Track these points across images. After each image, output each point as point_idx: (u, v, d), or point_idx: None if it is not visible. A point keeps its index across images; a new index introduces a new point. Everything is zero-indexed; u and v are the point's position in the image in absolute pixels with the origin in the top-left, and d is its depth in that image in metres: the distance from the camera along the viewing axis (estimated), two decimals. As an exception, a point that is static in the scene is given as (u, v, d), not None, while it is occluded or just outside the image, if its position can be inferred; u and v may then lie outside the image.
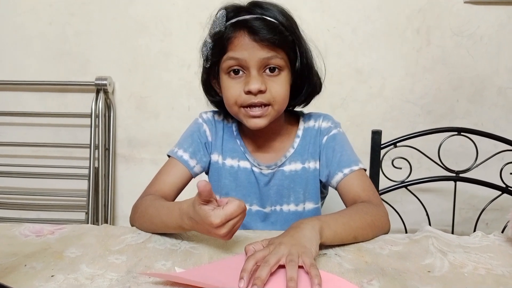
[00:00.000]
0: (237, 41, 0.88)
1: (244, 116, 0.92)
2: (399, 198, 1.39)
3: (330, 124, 1.03)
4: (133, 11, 1.75)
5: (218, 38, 0.90)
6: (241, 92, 0.89)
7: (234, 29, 0.89)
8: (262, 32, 0.86)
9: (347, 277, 0.68)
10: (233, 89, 0.91)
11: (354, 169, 0.96)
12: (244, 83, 0.89)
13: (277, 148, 1.02)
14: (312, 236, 0.71)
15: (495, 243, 0.82)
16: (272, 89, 0.90)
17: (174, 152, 1.01)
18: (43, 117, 1.83)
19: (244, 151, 1.02)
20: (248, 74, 0.89)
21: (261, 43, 0.87)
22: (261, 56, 0.88)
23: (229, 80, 0.91)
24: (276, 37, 0.87)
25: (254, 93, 0.88)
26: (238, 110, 0.92)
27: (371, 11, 1.69)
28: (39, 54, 1.80)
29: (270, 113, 0.91)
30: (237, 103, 0.91)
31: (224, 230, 0.71)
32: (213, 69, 0.95)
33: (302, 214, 1.03)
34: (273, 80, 0.90)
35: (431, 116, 1.74)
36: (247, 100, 0.89)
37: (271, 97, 0.90)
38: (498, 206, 1.27)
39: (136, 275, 0.67)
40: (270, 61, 0.89)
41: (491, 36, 1.68)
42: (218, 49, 0.91)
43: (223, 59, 0.90)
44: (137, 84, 1.80)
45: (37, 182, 1.85)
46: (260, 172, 1.01)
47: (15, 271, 0.68)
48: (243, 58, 0.88)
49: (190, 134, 1.04)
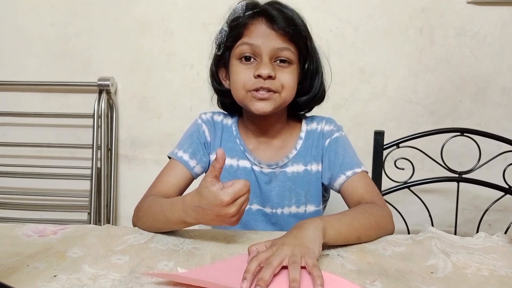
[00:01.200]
0: (254, 27, 0.91)
1: (250, 100, 0.93)
2: (401, 199, 1.38)
3: (332, 127, 1.04)
4: (135, 11, 1.75)
5: (235, 25, 0.93)
6: (251, 77, 0.91)
7: (252, 17, 0.92)
8: (279, 22, 0.90)
9: (350, 278, 0.67)
10: (243, 74, 0.92)
11: (357, 172, 0.96)
12: (254, 68, 0.91)
13: (278, 147, 1.03)
14: (315, 236, 0.71)
15: (498, 244, 0.82)
16: (281, 77, 0.92)
17: (174, 153, 1.02)
18: (46, 117, 1.83)
19: (244, 150, 1.02)
20: (259, 61, 0.91)
21: (277, 32, 0.90)
22: (275, 45, 0.91)
23: (240, 65, 0.93)
24: (291, 28, 0.90)
25: (264, 78, 0.90)
26: (245, 94, 0.93)
27: (374, 11, 1.69)
28: (41, 54, 1.81)
29: (276, 99, 0.92)
30: (245, 87, 0.92)
31: (233, 209, 0.72)
32: (224, 56, 0.97)
33: (303, 216, 1.03)
34: (283, 70, 0.93)
35: (434, 116, 1.74)
36: (256, 83, 0.91)
37: (279, 85, 0.92)
38: (501, 207, 1.27)
39: (138, 275, 0.67)
40: (282, 52, 0.92)
41: (494, 35, 1.68)
42: (233, 35, 0.93)
43: (237, 45, 0.93)
44: (139, 85, 1.80)
45: (40, 183, 1.85)
46: (260, 170, 1.01)
47: (17, 271, 0.68)
48: (257, 45, 0.90)
49: (190, 135, 1.04)
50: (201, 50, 1.70)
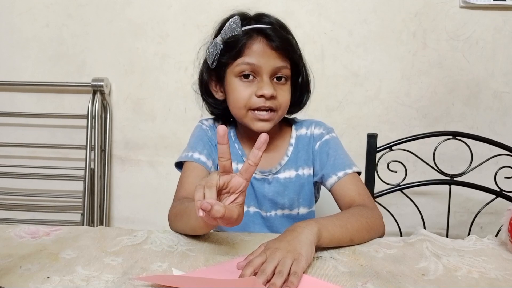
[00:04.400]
0: (255, 47, 0.93)
1: (251, 119, 0.95)
2: (394, 201, 1.39)
3: (322, 131, 1.06)
4: (129, 13, 1.75)
5: (233, 42, 0.93)
6: (252, 96, 0.93)
7: (250, 35, 0.93)
8: (277, 41, 0.93)
9: (342, 280, 0.68)
10: (244, 92, 0.94)
11: (348, 172, 0.98)
12: (256, 87, 0.93)
13: (270, 154, 1.04)
14: (308, 240, 0.72)
15: (489, 246, 0.83)
16: (280, 96, 0.95)
17: (190, 156, 1.00)
18: (40, 118, 1.82)
19: (242, 154, 1.04)
20: (260, 80, 0.94)
21: (276, 52, 0.93)
22: (275, 64, 0.94)
23: (240, 83, 0.95)
24: (289, 47, 0.95)
25: (267, 98, 0.92)
26: (245, 113, 0.95)
27: (368, 14, 1.70)
28: (35, 55, 1.80)
29: (274, 118, 0.97)
30: (246, 106, 0.94)
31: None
32: (218, 71, 0.98)
33: (296, 218, 1.05)
34: (281, 88, 0.96)
35: (426, 119, 1.75)
36: (257, 103, 0.93)
37: (278, 103, 0.95)
38: (493, 210, 1.28)
39: (132, 277, 0.67)
40: (281, 70, 0.95)
41: (487, 40, 1.69)
42: (231, 53, 0.94)
43: (236, 63, 0.94)
44: (133, 86, 1.80)
45: (33, 183, 1.84)
46: (254, 176, 1.02)
47: (10, 273, 0.68)
48: (258, 65, 0.93)
49: (200, 138, 1.04)
50: (195, 52, 1.70)
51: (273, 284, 0.63)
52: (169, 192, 1.82)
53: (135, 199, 1.86)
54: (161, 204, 1.84)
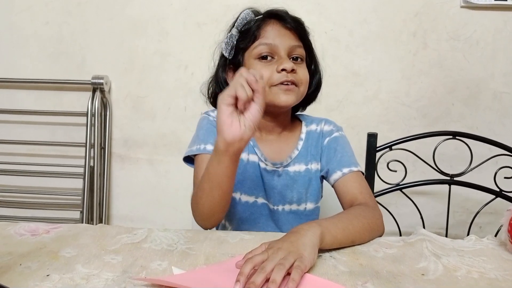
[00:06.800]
0: (270, 28, 0.98)
1: (275, 93, 0.96)
2: (394, 201, 1.39)
3: (332, 128, 1.08)
4: (130, 11, 1.75)
5: (247, 28, 0.98)
6: (273, 73, 0.96)
7: (264, 19, 0.98)
8: (290, 22, 0.98)
9: (342, 279, 0.68)
10: (264, 70, 0.96)
11: (353, 170, 0.99)
12: (276, 64, 0.96)
13: (281, 146, 1.05)
14: (312, 243, 0.72)
15: (489, 246, 0.83)
16: (299, 72, 0.98)
17: (203, 149, 0.99)
18: (39, 115, 1.83)
19: (254, 145, 1.04)
20: (278, 58, 0.97)
21: (291, 31, 0.98)
22: (291, 43, 0.98)
23: (260, 63, 0.98)
24: (302, 27, 1.01)
25: (288, 71, 0.95)
26: (269, 90, 0.96)
27: (368, 14, 1.70)
28: (35, 53, 1.80)
29: (297, 92, 0.98)
30: (269, 83, 0.96)
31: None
32: (235, 59, 1.01)
33: (302, 213, 1.06)
34: (298, 66, 0.99)
35: (426, 119, 1.75)
36: (280, 78, 0.95)
37: (299, 78, 0.98)
38: (492, 210, 1.28)
39: (131, 275, 0.67)
40: (297, 49, 0.99)
41: (487, 40, 1.69)
42: (248, 37, 0.98)
43: (254, 46, 0.98)
44: (133, 84, 1.80)
45: (32, 180, 1.84)
46: (265, 167, 1.03)
47: (10, 271, 0.68)
48: (275, 44, 0.97)
49: (211, 130, 1.03)
50: (196, 50, 1.71)
51: (273, 281, 0.61)
52: (168, 190, 1.85)
53: (134, 197, 1.86)
54: (160, 202, 1.85)
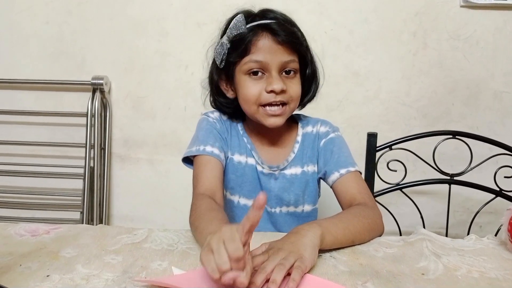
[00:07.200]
0: (261, 44, 0.93)
1: (262, 115, 0.96)
2: (394, 201, 1.39)
3: (328, 129, 1.07)
4: (130, 11, 1.75)
5: (239, 40, 0.94)
6: (262, 92, 0.94)
7: (255, 32, 0.93)
8: (283, 36, 0.93)
9: (342, 279, 0.68)
10: (253, 88, 0.94)
11: (351, 170, 0.99)
12: (266, 83, 0.94)
13: (278, 149, 1.05)
14: (312, 243, 0.72)
15: (489, 246, 0.83)
16: (290, 89, 0.95)
17: (202, 150, 0.99)
18: (39, 116, 1.82)
19: (251, 148, 1.04)
20: (269, 75, 0.94)
21: (283, 46, 0.93)
22: (282, 59, 0.94)
23: (249, 80, 0.95)
24: (295, 40, 0.95)
25: (277, 93, 0.93)
26: (257, 109, 0.96)
27: (368, 14, 1.70)
28: (35, 53, 1.80)
29: (286, 112, 0.97)
30: (257, 102, 0.95)
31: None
32: (227, 70, 0.98)
33: (300, 215, 1.06)
34: (290, 81, 0.96)
35: (426, 119, 1.75)
36: (268, 99, 0.94)
37: (289, 96, 0.95)
38: (492, 209, 1.28)
39: (132, 275, 0.67)
40: (289, 64, 0.95)
41: (487, 40, 1.69)
42: (238, 51, 0.94)
43: (244, 61, 0.94)
44: (133, 84, 1.80)
45: (33, 181, 1.84)
46: (262, 170, 1.03)
47: (10, 271, 0.68)
48: (266, 61, 0.93)
49: (210, 131, 1.03)
50: (196, 50, 1.70)
51: (273, 281, 0.61)
52: (169, 190, 1.85)
53: (134, 197, 1.86)
54: (160, 202, 1.85)
